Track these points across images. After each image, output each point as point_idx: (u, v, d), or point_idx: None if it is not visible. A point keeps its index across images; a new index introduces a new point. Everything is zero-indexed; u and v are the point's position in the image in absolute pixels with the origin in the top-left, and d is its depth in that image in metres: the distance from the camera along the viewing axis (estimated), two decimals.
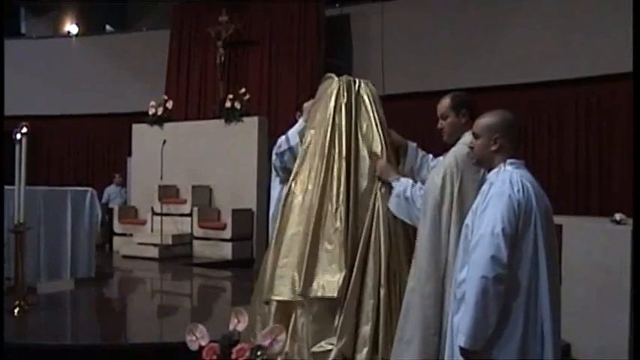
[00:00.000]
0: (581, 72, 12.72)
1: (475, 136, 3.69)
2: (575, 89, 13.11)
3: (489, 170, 3.64)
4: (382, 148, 4.70)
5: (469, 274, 3.34)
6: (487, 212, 3.38)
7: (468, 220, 3.57)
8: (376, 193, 4.63)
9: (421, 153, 4.94)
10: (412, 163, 4.88)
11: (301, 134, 5.44)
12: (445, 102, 4.41)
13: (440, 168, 4.16)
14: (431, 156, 4.78)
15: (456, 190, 4.01)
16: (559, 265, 3.61)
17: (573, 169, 13.14)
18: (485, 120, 3.68)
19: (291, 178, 4.97)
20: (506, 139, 3.59)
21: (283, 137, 5.66)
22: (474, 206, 3.54)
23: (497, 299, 3.26)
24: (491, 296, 3.25)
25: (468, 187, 3.99)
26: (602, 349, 5.53)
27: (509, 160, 3.56)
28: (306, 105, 5.70)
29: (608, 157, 12.76)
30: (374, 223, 4.58)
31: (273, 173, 5.88)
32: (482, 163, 3.73)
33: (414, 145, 4.94)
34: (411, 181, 4.52)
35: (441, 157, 4.42)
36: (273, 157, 5.74)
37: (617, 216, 5.78)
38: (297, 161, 4.99)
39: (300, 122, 5.57)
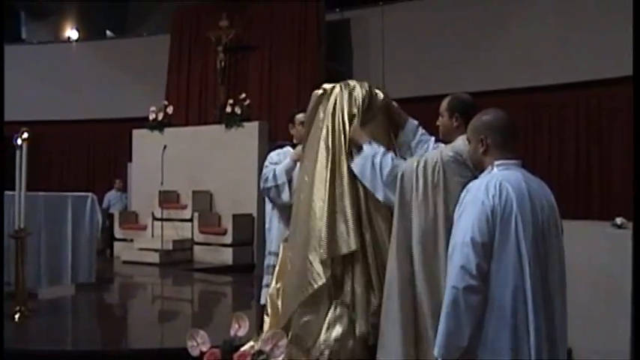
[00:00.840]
0: (581, 75, 12.73)
1: (468, 141, 3.63)
2: (575, 92, 13.12)
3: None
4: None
5: (446, 284, 3.28)
6: (461, 220, 3.29)
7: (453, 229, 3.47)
8: None
9: (421, 131, 4.88)
10: (409, 138, 4.82)
11: (289, 174, 5.45)
12: (444, 102, 4.42)
13: (424, 158, 4.15)
14: (433, 139, 4.71)
15: (429, 182, 4.01)
16: (562, 268, 3.43)
17: (573, 171, 13.14)
18: (471, 122, 3.60)
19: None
20: (492, 139, 3.46)
21: (270, 172, 5.62)
22: (455, 214, 3.45)
23: (470, 310, 3.15)
24: (463, 307, 3.14)
25: (450, 186, 3.97)
26: (603, 353, 5.51)
27: (496, 162, 3.43)
28: (298, 116, 5.71)
29: (608, 160, 12.75)
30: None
31: None
32: (477, 167, 3.63)
33: (416, 122, 4.90)
34: (382, 149, 4.42)
35: (441, 145, 4.38)
36: (262, 186, 5.73)
37: (618, 220, 5.76)
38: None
39: (289, 162, 5.55)
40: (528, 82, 13.35)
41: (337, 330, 4.31)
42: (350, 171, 4.45)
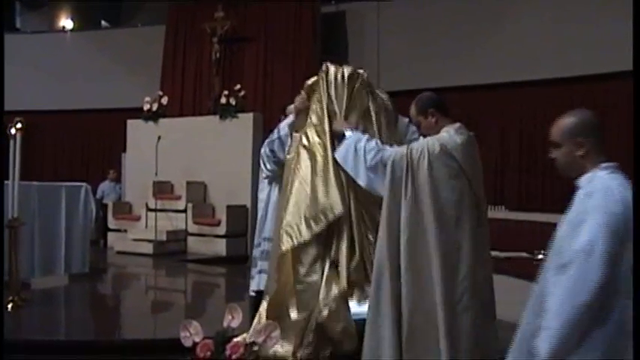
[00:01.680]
0: (576, 70, 12.74)
1: (555, 145, 3.26)
2: (570, 87, 13.11)
3: (575, 178, 3.19)
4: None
5: (557, 295, 2.90)
6: (585, 227, 2.88)
7: (559, 230, 3.14)
8: None
9: (412, 129, 4.89)
10: (400, 136, 4.85)
11: (291, 127, 5.47)
12: (411, 111, 4.43)
13: (411, 147, 4.16)
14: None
15: (422, 171, 4.02)
16: None
17: None
18: (562, 124, 3.27)
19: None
20: (591, 141, 3.16)
21: (274, 132, 5.69)
22: (567, 216, 3.10)
23: (583, 325, 2.83)
24: (578, 324, 2.83)
25: (438, 177, 4.00)
26: None
27: (602, 165, 3.11)
28: (289, 107, 5.72)
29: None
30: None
31: (262, 175, 5.88)
32: (569, 171, 3.25)
33: (406, 120, 4.91)
34: (365, 136, 4.46)
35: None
36: (263, 147, 5.74)
37: None
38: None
39: (291, 117, 5.57)
40: (523, 76, 13.36)
41: (334, 290, 4.38)
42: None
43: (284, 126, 5.59)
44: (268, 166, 5.70)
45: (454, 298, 3.92)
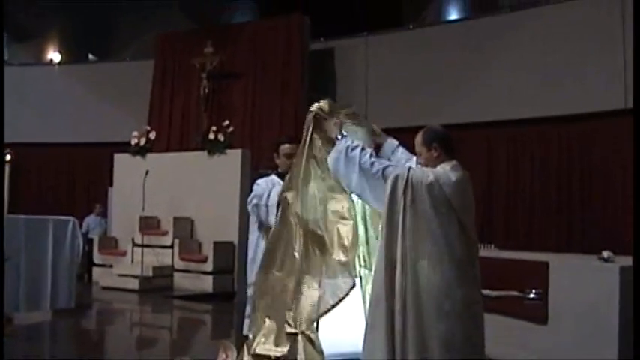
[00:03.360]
0: (564, 110, 12.82)
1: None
2: (557, 126, 13.19)
3: None
4: None
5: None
6: None
7: None
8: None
9: (401, 150, 4.87)
10: (387, 155, 4.82)
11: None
12: (417, 139, 4.39)
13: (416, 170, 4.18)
14: (414, 158, 4.64)
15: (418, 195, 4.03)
16: None
17: (555, 204, 13.19)
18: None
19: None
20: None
21: (263, 191, 5.59)
22: None
23: None
24: None
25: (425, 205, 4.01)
26: None
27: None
28: (283, 148, 5.69)
29: (590, 193, 12.81)
30: None
31: (252, 218, 5.84)
32: None
33: (395, 143, 4.90)
34: (359, 143, 4.43)
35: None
36: (250, 205, 5.68)
37: (605, 253, 5.77)
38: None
39: (278, 187, 5.51)
40: (511, 114, 13.43)
41: (325, 301, 4.33)
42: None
43: (273, 196, 5.51)
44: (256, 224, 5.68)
45: (439, 330, 3.89)
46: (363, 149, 4.35)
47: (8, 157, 7.18)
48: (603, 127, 12.56)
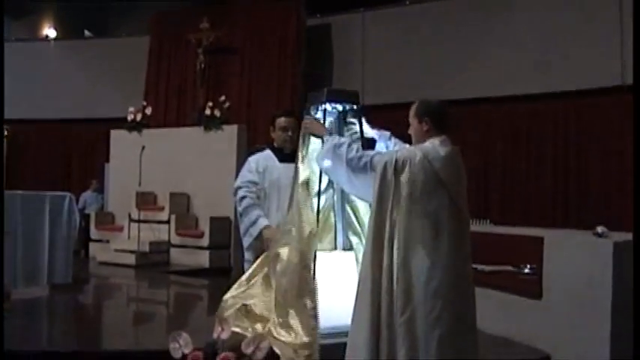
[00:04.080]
0: (559, 86, 12.81)
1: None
2: (553, 102, 13.19)
3: None
4: None
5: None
6: None
7: None
8: None
9: (393, 141, 4.87)
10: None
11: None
12: (411, 109, 4.40)
13: (401, 152, 4.19)
14: (407, 146, 4.66)
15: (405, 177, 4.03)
16: None
17: (551, 180, 13.21)
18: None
19: None
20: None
21: (247, 200, 5.60)
22: None
23: None
24: None
25: (418, 181, 4.02)
26: (583, 358, 5.55)
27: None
28: (279, 121, 5.67)
29: (586, 170, 12.83)
30: None
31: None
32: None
33: (387, 133, 4.90)
34: (346, 139, 4.46)
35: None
36: (238, 197, 5.69)
37: (599, 229, 5.79)
38: None
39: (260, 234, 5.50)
40: (508, 91, 13.41)
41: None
42: None
43: (261, 222, 5.50)
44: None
45: (426, 308, 3.91)
46: (349, 145, 4.34)
47: (5, 134, 7.16)
48: (599, 104, 12.56)
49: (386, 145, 4.83)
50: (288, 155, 5.38)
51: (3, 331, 5.54)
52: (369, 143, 4.77)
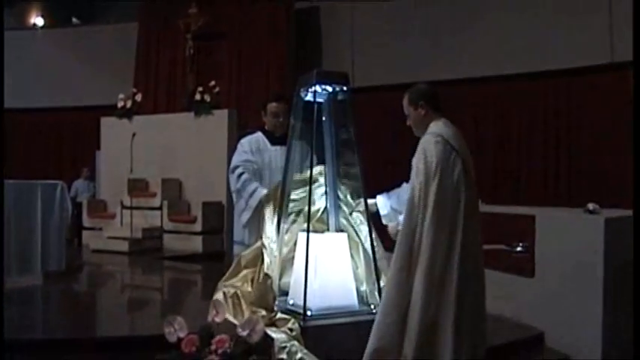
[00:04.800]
0: (551, 65, 12.83)
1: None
2: (544, 81, 13.21)
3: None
4: None
5: None
6: None
7: None
8: None
9: (393, 194, 4.92)
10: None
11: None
12: (404, 100, 4.49)
13: (413, 172, 4.23)
14: (404, 184, 4.70)
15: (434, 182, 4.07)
16: None
17: (542, 159, 13.26)
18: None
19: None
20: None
21: (247, 178, 5.66)
22: None
23: None
24: None
25: (446, 172, 4.07)
26: (575, 337, 5.59)
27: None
28: (270, 105, 5.70)
29: (577, 148, 12.87)
30: None
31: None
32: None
33: (373, 201, 4.95)
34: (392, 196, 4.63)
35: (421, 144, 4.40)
36: (233, 179, 5.72)
37: (591, 206, 5.82)
38: None
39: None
40: (498, 70, 13.43)
41: None
42: None
43: (257, 195, 5.54)
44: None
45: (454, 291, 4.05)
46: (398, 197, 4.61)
47: None
48: (590, 82, 12.59)
49: (389, 204, 4.91)
50: (280, 138, 5.41)
51: (3, 322, 5.55)
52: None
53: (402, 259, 4.05)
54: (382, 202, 4.82)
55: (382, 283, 4.68)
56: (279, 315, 4.45)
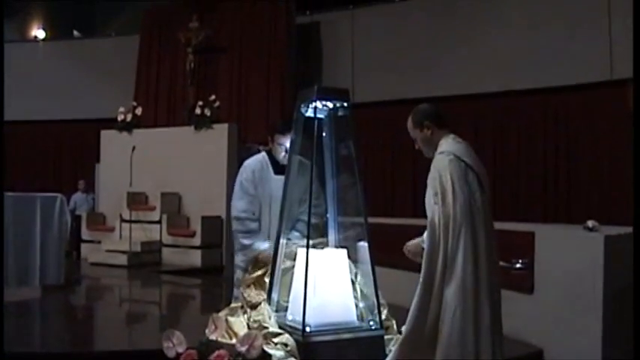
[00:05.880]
0: (549, 81, 12.85)
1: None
2: (543, 98, 13.22)
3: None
4: None
5: None
6: None
7: None
8: None
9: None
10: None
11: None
12: (408, 124, 4.48)
13: (429, 192, 4.20)
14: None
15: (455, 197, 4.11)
16: None
17: (541, 176, 13.26)
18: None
19: None
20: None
21: (248, 221, 5.59)
22: None
23: None
24: None
25: (462, 189, 4.11)
26: (575, 354, 5.57)
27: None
28: (278, 138, 5.61)
29: (576, 165, 12.87)
30: None
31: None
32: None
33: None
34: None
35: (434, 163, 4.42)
36: (235, 223, 5.69)
37: (590, 223, 5.81)
38: None
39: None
40: (497, 86, 13.45)
41: None
42: None
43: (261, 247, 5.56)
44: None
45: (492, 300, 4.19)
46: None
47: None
48: (589, 99, 12.61)
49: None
50: (284, 167, 5.38)
51: (3, 332, 5.54)
52: None
53: (428, 279, 4.07)
54: None
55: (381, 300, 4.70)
56: (272, 329, 4.45)
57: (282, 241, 4.95)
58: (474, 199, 4.13)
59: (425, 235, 4.17)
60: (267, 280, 4.90)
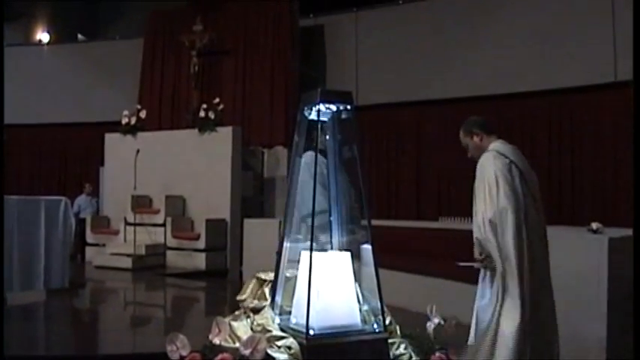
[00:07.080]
0: (553, 84, 12.82)
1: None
2: (547, 101, 13.20)
3: None
4: None
5: None
6: None
7: None
8: None
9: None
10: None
11: None
12: (460, 135, 4.84)
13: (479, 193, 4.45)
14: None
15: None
16: None
17: (545, 178, 13.23)
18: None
19: None
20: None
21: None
22: None
23: None
24: None
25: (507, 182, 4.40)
26: (579, 356, 5.56)
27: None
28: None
29: (580, 167, 12.85)
30: None
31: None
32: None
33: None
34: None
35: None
36: None
37: (594, 225, 5.81)
38: None
39: None
40: (501, 89, 13.42)
41: None
42: None
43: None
44: None
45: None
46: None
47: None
48: (592, 100, 12.58)
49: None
50: None
51: (3, 333, 5.54)
52: None
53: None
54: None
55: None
56: (275, 332, 4.45)
57: (286, 244, 4.94)
58: (518, 191, 4.41)
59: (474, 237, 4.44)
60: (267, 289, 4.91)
